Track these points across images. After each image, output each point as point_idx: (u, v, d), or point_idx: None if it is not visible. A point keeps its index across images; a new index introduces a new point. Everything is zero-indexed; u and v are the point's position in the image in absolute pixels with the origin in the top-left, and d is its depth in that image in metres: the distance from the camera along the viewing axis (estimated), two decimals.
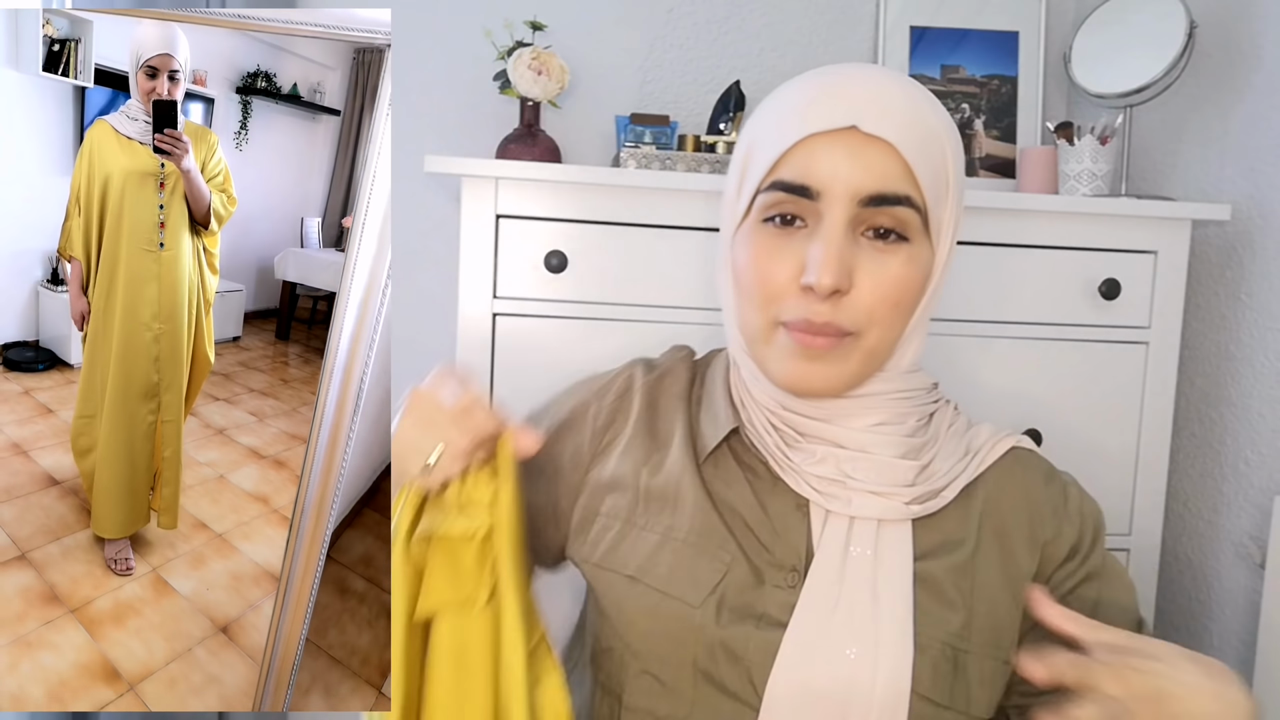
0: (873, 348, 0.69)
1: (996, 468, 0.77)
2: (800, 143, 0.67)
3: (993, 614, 0.71)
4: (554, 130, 1.49)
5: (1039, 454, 0.80)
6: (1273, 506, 1.21)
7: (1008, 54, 1.61)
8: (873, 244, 0.68)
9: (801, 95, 0.69)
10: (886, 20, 1.60)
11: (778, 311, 0.69)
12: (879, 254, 0.68)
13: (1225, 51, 1.38)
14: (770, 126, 0.70)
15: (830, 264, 0.65)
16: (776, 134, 0.69)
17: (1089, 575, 0.75)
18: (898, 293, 0.68)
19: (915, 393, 0.75)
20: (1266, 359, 1.30)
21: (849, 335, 0.68)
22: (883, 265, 0.67)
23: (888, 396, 0.73)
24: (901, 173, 0.66)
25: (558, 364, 1.20)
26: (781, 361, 0.70)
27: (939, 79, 1.60)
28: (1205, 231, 1.40)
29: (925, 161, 0.67)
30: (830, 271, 0.65)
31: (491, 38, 1.47)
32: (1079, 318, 1.28)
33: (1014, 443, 0.78)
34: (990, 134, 1.60)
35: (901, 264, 0.68)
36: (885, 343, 0.70)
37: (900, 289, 0.68)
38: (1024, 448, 0.79)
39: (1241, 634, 1.31)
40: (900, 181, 0.66)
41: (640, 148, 1.35)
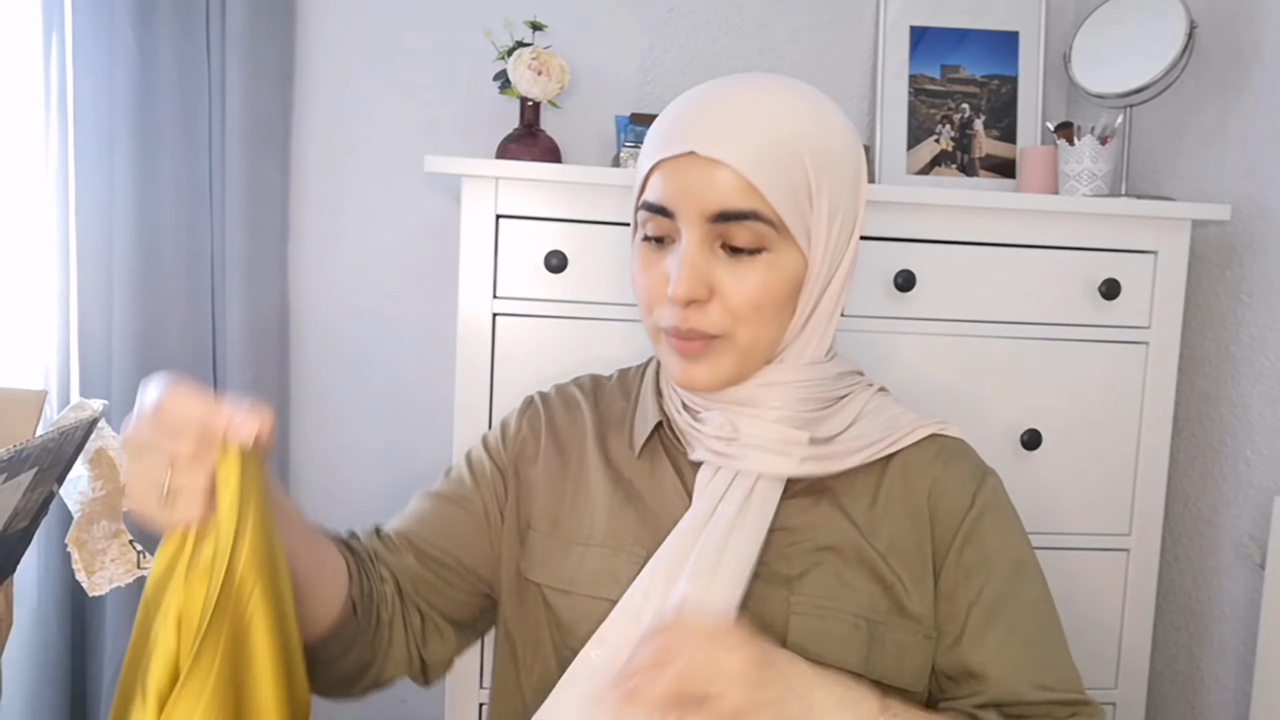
0: (747, 346, 0.73)
1: (916, 450, 0.79)
2: (654, 168, 0.73)
3: (908, 587, 0.74)
4: (554, 130, 1.49)
5: (964, 442, 0.82)
6: (1273, 506, 1.21)
7: (1008, 54, 1.61)
8: (730, 257, 0.72)
9: (660, 121, 0.75)
10: (886, 20, 1.60)
11: (656, 319, 0.75)
12: (737, 264, 0.72)
13: (1225, 51, 1.38)
14: (642, 152, 0.76)
15: (684, 277, 0.70)
16: (643, 159, 0.75)
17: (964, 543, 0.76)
18: (758, 297, 0.71)
19: (817, 383, 0.77)
20: (1266, 359, 1.30)
21: (716, 338, 0.73)
22: (741, 275, 0.71)
23: (788, 386, 0.76)
24: (744, 189, 0.69)
25: (558, 364, 1.20)
26: (669, 363, 0.76)
27: (939, 79, 1.60)
28: (1205, 231, 1.40)
29: (771, 175, 0.69)
30: (684, 283, 0.70)
31: (491, 38, 1.47)
32: (1079, 318, 1.28)
33: (937, 429, 0.80)
34: (990, 134, 1.60)
35: (760, 271, 0.71)
36: (761, 340, 0.74)
37: (760, 293, 0.71)
38: (948, 435, 0.81)
39: (1241, 634, 1.31)
40: (743, 197, 0.69)
41: (640, 148, 1.35)
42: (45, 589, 1.42)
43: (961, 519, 0.76)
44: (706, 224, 0.70)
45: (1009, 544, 0.77)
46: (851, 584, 0.73)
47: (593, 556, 0.78)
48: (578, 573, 0.77)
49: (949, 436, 0.81)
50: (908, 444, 0.78)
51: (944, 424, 0.81)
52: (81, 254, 1.44)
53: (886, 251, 1.25)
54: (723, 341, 0.73)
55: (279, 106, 1.52)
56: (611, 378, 0.91)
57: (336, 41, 1.58)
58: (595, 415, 0.86)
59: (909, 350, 1.26)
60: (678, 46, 1.63)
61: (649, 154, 0.74)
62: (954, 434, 0.81)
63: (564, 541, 0.80)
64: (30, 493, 0.90)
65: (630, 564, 0.76)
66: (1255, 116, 1.33)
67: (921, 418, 0.81)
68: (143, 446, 0.57)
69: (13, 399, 1.02)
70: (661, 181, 0.72)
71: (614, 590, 0.75)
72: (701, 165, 0.70)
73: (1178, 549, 1.43)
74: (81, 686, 1.51)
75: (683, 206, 0.71)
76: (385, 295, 1.61)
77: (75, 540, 1.03)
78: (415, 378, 1.62)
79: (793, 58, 1.65)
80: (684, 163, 0.70)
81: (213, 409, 0.57)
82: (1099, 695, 1.31)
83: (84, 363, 1.45)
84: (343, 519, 0.82)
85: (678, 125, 0.72)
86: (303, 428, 1.61)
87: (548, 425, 0.86)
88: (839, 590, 0.73)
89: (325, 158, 1.59)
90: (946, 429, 0.81)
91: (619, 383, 0.90)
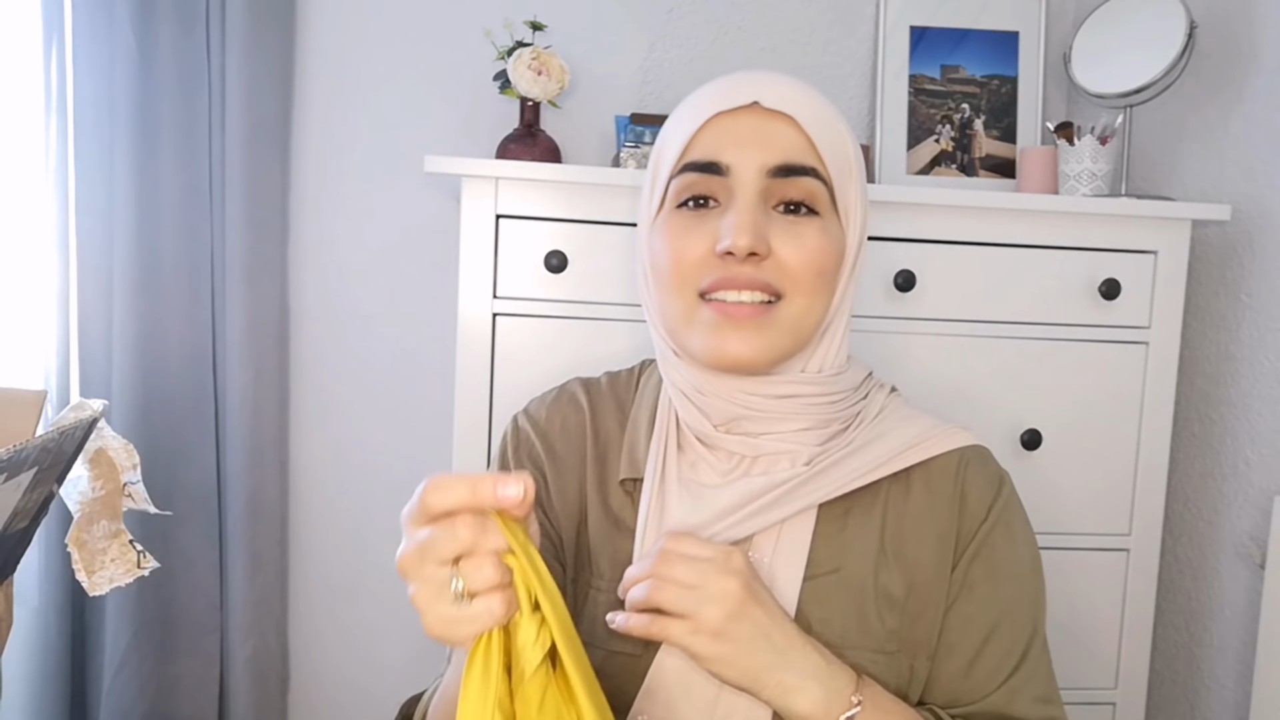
0: (796, 318, 0.69)
1: (934, 464, 0.74)
2: (706, 123, 0.70)
3: (926, 613, 0.71)
4: (554, 130, 1.49)
5: (981, 448, 0.77)
6: (1273, 506, 1.21)
7: (1008, 54, 1.61)
8: (784, 217, 0.69)
9: (704, 89, 0.73)
10: (886, 20, 1.60)
11: (698, 282, 0.69)
12: (792, 225, 0.69)
13: (1225, 51, 1.38)
14: (680, 120, 0.73)
15: (745, 227, 0.66)
16: (686, 123, 0.72)
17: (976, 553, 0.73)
18: (818, 260, 0.69)
19: (840, 395, 0.74)
20: (1266, 359, 1.30)
21: (772, 304, 0.68)
22: (798, 234, 0.69)
23: (810, 399, 0.72)
24: (805, 145, 0.69)
25: (558, 364, 1.20)
26: (705, 336, 0.69)
27: (939, 79, 1.60)
28: (1205, 231, 1.40)
29: (827, 137, 0.70)
30: (746, 232, 0.66)
31: (491, 38, 1.47)
32: (1079, 318, 1.28)
33: (958, 443, 0.75)
34: (990, 134, 1.60)
35: (816, 234, 0.69)
36: (809, 315, 0.70)
37: (820, 256, 0.69)
38: (965, 446, 0.75)
39: (1241, 634, 1.31)
40: (804, 153, 0.69)
41: (640, 148, 1.35)
42: (45, 589, 1.42)
43: (975, 531, 0.72)
44: (764, 178, 0.68)
45: (1015, 558, 0.73)
46: (867, 618, 0.70)
47: (606, 604, 0.71)
48: (589, 621, 0.71)
49: (967, 446, 0.75)
50: (919, 460, 0.73)
51: (957, 430, 0.76)
52: (81, 254, 1.44)
53: (886, 251, 1.25)
54: (776, 310, 0.68)
55: (279, 106, 1.52)
56: (601, 382, 0.83)
57: (336, 42, 1.58)
58: (594, 433, 0.79)
59: (909, 350, 1.26)
60: (678, 46, 1.63)
61: (700, 109, 0.71)
62: (969, 441, 0.76)
63: (584, 586, 0.74)
64: (30, 493, 0.90)
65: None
66: (1255, 116, 1.33)
67: (934, 425, 0.75)
68: (420, 560, 0.50)
69: (13, 399, 1.02)
70: (714, 137, 0.69)
71: (629, 644, 0.69)
72: (764, 117, 0.69)
73: (1178, 549, 1.43)
74: (81, 686, 1.52)
75: (742, 159, 0.68)
76: (385, 295, 1.61)
77: (75, 540, 1.03)
78: (415, 378, 1.62)
79: (793, 58, 1.65)
80: (744, 115, 0.69)
81: (475, 486, 0.50)
82: (1099, 695, 1.32)
83: (84, 363, 1.45)
84: (342, 519, 0.82)
85: (733, 84, 0.71)
86: (303, 428, 1.61)
87: (547, 456, 0.78)
88: (858, 623, 0.70)
89: (325, 158, 1.59)
90: (962, 439, 0.75)
91: (610, 392, 0.82)
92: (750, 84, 0.70)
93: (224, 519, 1.53)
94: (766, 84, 0.70)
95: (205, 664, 1.53)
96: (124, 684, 1.48)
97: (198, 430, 1.50)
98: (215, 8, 1.46)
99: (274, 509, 1.55)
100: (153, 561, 1.09)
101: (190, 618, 1.51)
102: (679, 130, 0.72)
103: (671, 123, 0.75)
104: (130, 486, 1.10)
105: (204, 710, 1.53)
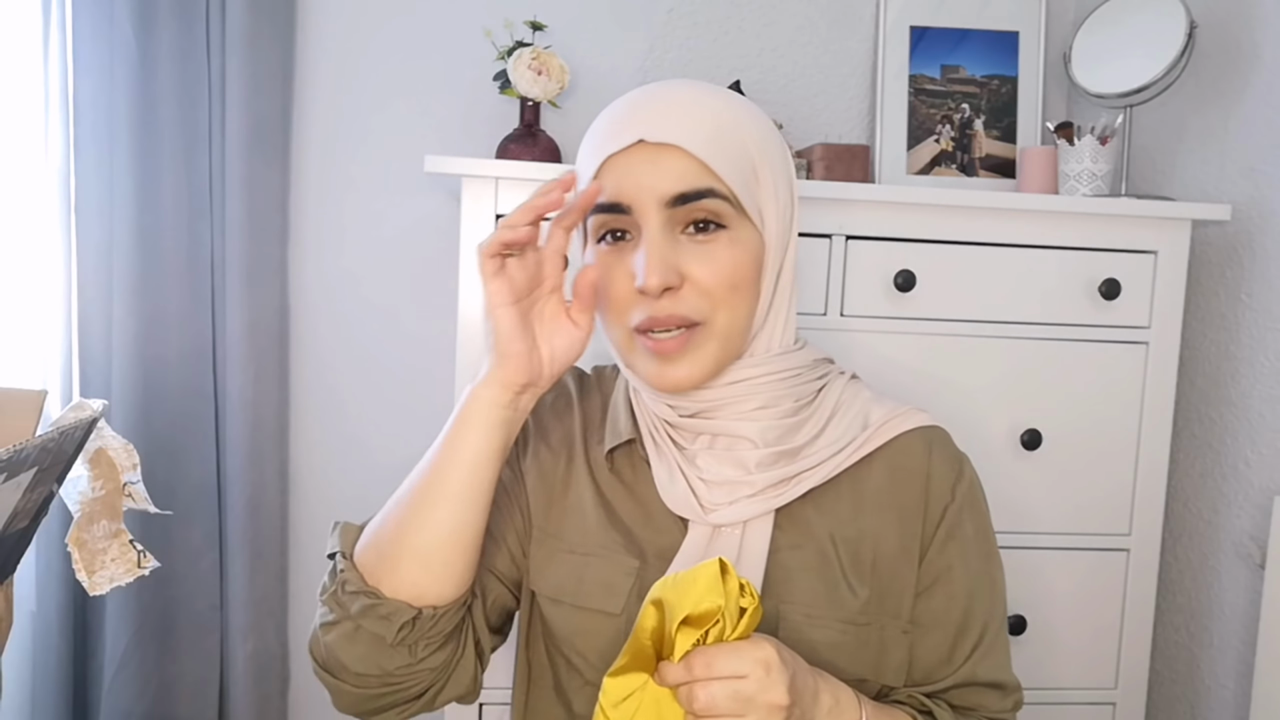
0: (725, 330, 0.72)
1: (901, 443, 0.79)
2: (603, 165, 0.72)
3: (894, 585, 0.76)
4: (554, 130, 1.49)
5: (940, 428, 0.81)
6: (1273, 506, 1.21)
7: (1008, 54, 1.61)
8: (693, 239, 0.71)
9: (598, 126, 0.75)
10: (886, 20, 1.60)
11: (628, 319, 0.73)
12: (702, 245, 0.71)
13: (1225, 51, 1.38)
14: (583, 159, 0.76)
15: (653, 265, 0.69)
16: (587, 166, 0.74)
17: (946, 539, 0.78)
18: (730, 273, 0.71)
19: (792, 372, 0.77)
20: (1266, 359, 1.30)
21: (697, 326, 0.71)
22: (709, 254, 0.71)
23: (760, 380, 0.75)
24: (697, 168, 0.70)
25: None
26: (646, 366, 0.74)
27: (939, 79, 1.60)
28: (1205, 231, 1.40)
29: (720, 153, 0.70)
30: (655, 272, 0.69)
31: (491, 38, 1.47)
32: (1079, 318, 1.28)
33: (915, 424, 0.79)
34: (990, 134, 1.60)
35: (725, 247, 0.71)
36: (736, 323, 0.73)
37: (731, 269, 0.71)
38: (927, 426, 0.80)
39: (1241, 634, 1.31)
40: (698, 177, 0.70)
41: None
42: (45, 590, 1.42)
43: (943, 513, 0.77)
44: (665, 210, 0.70)
45: (982, 537, 0.79)
46: (838, 590, 0.74)
47: (583, 565, 0.77)
48: (568, 582, 0.77)
49: (929, 427, 0.80)
50: (883, 441, 0.78)
51: (916, 412, 0.80)
52: (81, 254, 1.44)
53: (886, 251, 1.25)
54: (702, 330, 0.72)
55: (279, 107, 1.52)
56: (589, 373, 0.90)
57: (336, 42, 1.58)
58: (582, 413, 0.84)
59: (909, 350, 1.26)
60: (678, 46, 1.63)
61: (593, 155, 0.73)
62: (929, 422, 0.81)
63: (554, 548, 0.79)
64: (30, 493, 0.90)
65: (624, 577, 0.75)
66: (1255, 116, 1.33)
67: (895, 407, 0.80)
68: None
69: (13, 399, 1.02)
70: (614, 178, 0.71)
71: (607, 602, 0.74)
72: (651, 152, 0.70)
73: (1178, 549, 1.43)
74: (82, 687, 1.52)
75: (638, 197, 0.70)
76: (385, 295, 1.61)
77: (75, 540, 1.03)
78: (415, 378, 1.62)
79: (793, 58, 1.65)
80: (632, 154, 0.70)
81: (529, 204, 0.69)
82: (1099, 695, 1.32)
83: (84, 363, 1.45)
84: (342, 518, 0.82)
85: (618, 122, 0.72)
86: (303, 428, 1.61)
87: (535, 425, 0.84)
88: (826, 596, 0.73)
89: (325, 158, 1.59)
90: (922, 419, 0.80)
91: (596, 382, 0.88)
92: (633, 123, 0.71)
93: (224, 518, 1.53)
94: (647, 119, 0.71)
95: (205, 664, 1.53)
96: (124, 684, 1.48)
97: (198, 430, 1.50)
98: (215, 8, 1.46)
99: (274, 509, 1.55)
100: (153, 561, 1.09)
101: (190, 618, 1.52)
102: (583, 172, 0.75)
103: (580, 160, 0.77)
104: (130, 486, 1.10)
105: (204, 710, 1.53)
